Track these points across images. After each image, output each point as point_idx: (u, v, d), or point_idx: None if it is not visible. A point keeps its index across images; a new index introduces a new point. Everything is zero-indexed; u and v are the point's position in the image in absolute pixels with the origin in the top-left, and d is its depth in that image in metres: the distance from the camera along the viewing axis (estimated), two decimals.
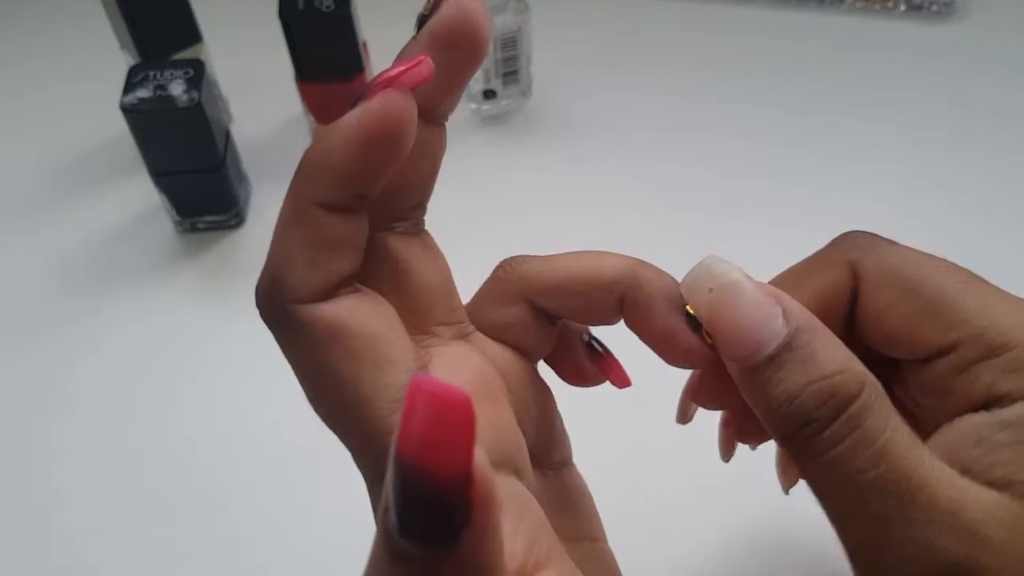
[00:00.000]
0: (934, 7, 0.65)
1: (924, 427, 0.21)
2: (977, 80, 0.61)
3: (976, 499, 0.19)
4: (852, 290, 0.23)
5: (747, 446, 0.28)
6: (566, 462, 0.26)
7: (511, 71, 0.57)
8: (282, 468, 0.43)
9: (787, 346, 0.19)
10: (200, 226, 0.53)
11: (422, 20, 0.19)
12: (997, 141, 0.57)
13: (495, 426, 0.21)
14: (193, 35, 0.54)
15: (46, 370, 0.48)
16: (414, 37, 0.19)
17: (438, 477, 0.12)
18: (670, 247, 0.53)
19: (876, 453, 0.19)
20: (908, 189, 0.55)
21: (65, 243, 0.54)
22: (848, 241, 0.24)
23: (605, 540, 0.26)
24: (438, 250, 0.22)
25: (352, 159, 0.18)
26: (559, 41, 0.61)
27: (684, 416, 0.28)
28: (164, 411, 0.46)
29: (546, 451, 0.25)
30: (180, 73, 0.48)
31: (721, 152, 0.57)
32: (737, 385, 0.21)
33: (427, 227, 0.22)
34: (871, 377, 0.20)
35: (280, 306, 0.19)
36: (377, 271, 0.21)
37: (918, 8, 0.65)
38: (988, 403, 0.21)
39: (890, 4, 0.65)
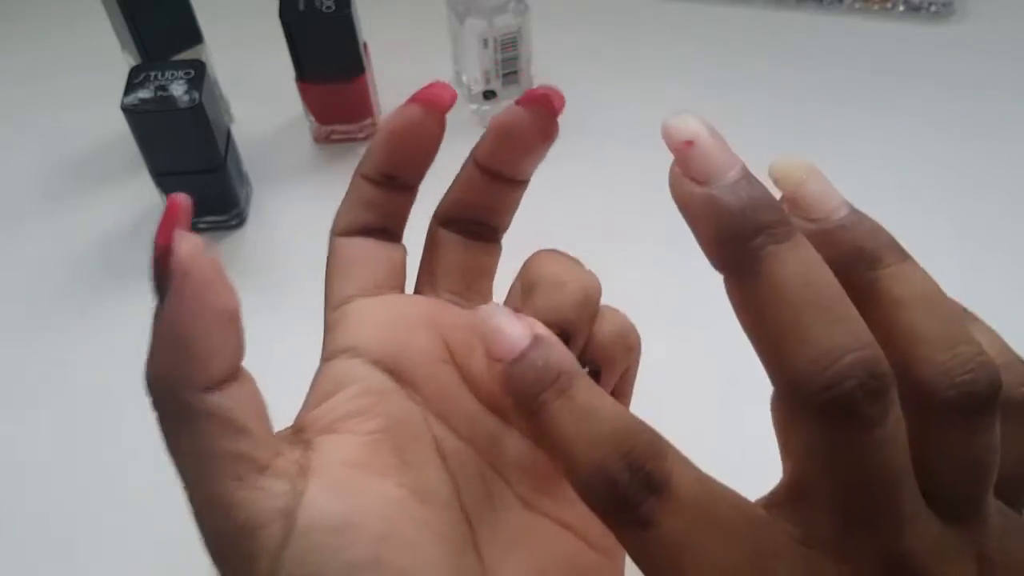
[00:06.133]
0: (933, 7, 0.65)
1: None
2: (976, 80, 0.61)
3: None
4: None
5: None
6: None
7: (511, 72, 0.57)
8: None
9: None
10: (201, 226, 0.53)
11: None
12: (996, 140, 0.57)
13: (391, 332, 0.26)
14: (194, 36, 0.54)
15: (46, 369, 0.48)
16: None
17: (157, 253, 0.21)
18: (670, 247, 0.54)
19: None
20: (907, 188, 0.55)
21: (66, 243, 0.54)
22: None
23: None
24: (486, 250, 0.29)
25: (378, 149, 0.26)
26: (559, 41, 0.61)
27: None
28: None
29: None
30: (181, 74, 0.48)
31: None
32: None
33: (425, 224, 0.28)
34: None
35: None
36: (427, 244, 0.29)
37: (917, 8, 0.65)
38: None
39: (889, 4, 0.65)
